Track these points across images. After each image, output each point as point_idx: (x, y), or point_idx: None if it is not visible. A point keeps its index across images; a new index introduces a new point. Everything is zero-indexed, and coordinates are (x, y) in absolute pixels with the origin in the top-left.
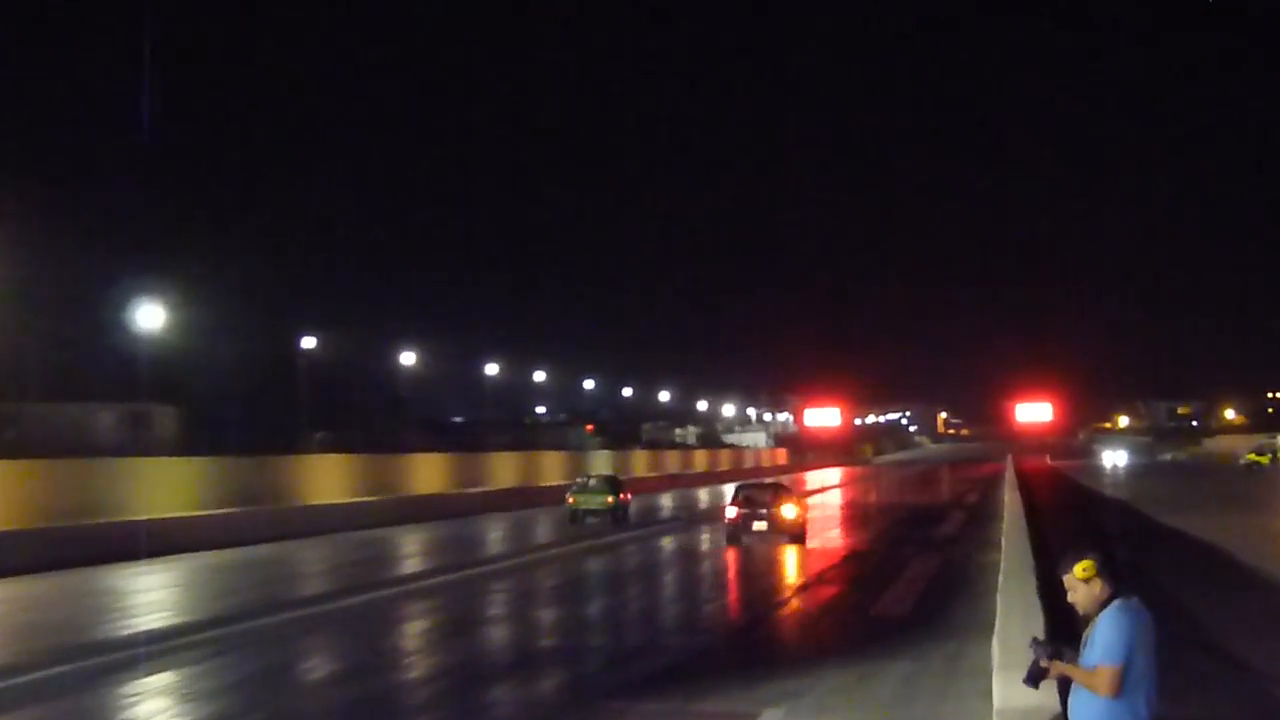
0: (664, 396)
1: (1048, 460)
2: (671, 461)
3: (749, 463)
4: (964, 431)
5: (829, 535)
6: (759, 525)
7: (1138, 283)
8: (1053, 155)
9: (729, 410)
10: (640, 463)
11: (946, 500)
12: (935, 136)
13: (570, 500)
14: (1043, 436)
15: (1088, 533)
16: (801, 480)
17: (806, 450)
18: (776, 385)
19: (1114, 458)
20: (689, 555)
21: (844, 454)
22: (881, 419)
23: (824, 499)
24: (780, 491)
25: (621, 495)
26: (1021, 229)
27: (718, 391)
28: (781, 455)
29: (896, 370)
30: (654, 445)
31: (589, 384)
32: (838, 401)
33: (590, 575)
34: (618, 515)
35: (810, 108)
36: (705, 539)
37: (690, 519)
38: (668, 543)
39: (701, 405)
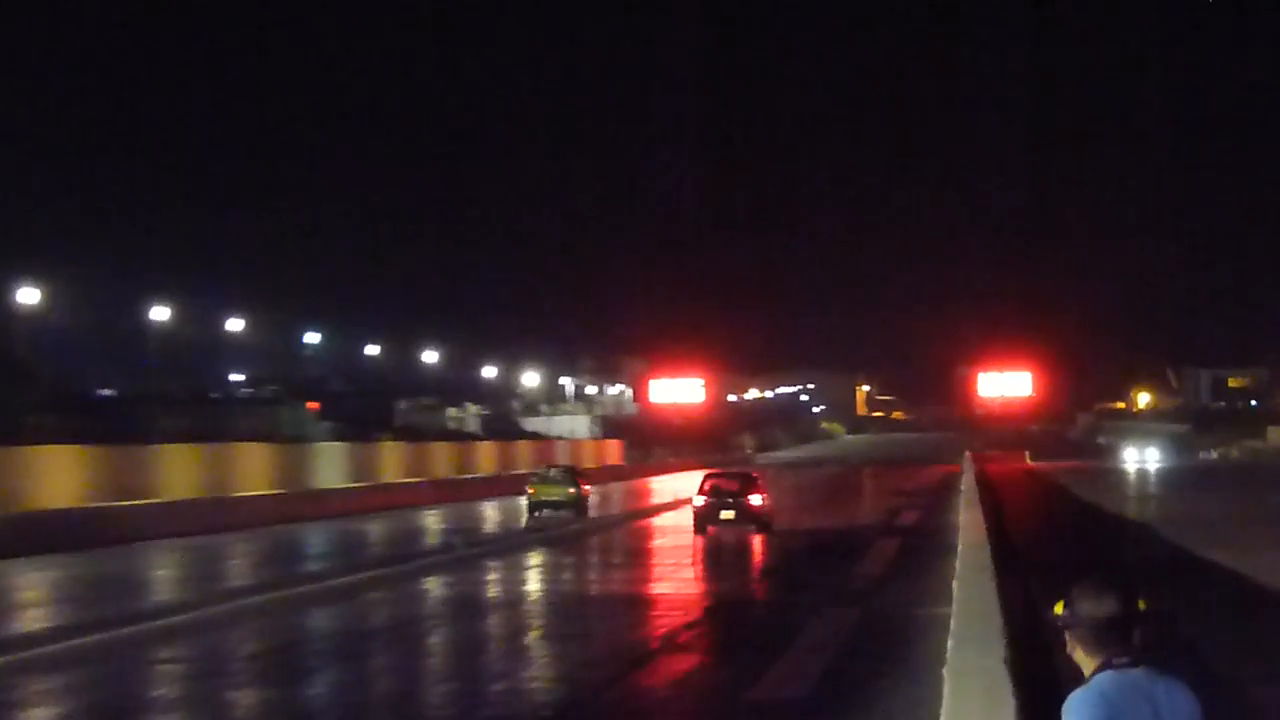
0: (430, 359)
1: (1026, 459)
2: (440, 460)
3: (562, 457)
4: (898, 415)
5: (683, 576)
6: (726, 514)
7: (1166, 194)
8: None
9: (532, 380)
10: (390, 460)
11: (870, 522)
12: None
13: (530, 491)
14: (1019, 422)
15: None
16: (644, 490)
17: (652, 443)
18: (607, 347)
19: (1138, 456)
20: (469, 606)
21: (710, 448)
22: (770, 394)
23: (678, 520)
24: (749, 481)
25: (582, 487)
26: (982, 104)
27: (515, 355)
28: (613, 450)
29: (794, 327)
30: (413, 433)
31: (311, 338)
32: (700, 370)
33: (318, 634)
34: (579, 509)
35: None
36: (495, 580)
37: (469, 548)
38: (435, 586)
39: (489, 373)
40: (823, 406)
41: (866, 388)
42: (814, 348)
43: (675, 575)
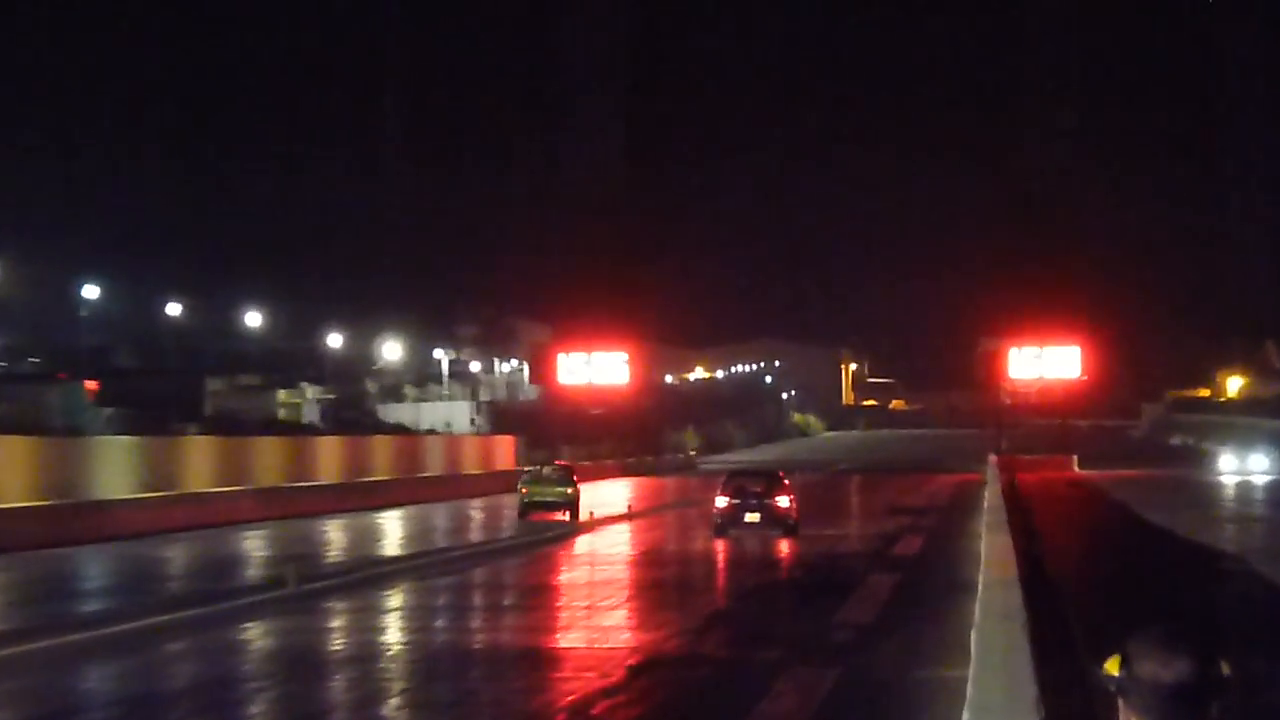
0: (253, 323)
1: (1073, 466)
2: (268, 461)
3: (435, 458)
4: (898, 404)
5: (603, 622)
6: (751, 516)
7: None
8: None
9: (394, 354)
10: (198, 461)
11: (857, 550)
12: None
13: (523, 491)
14: (1064, 415)
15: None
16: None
17: (557, 440)
18: (498, 310)
19: (1235, 462)
20: (303, 663)
21: (637, 447)
22: (722, 374)
23: (595, 545)
24: (775, 480)
25: (575, 486)
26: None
27: (372, 319)
28: (503, 449)
29: (756, 285)
30: (230, 424)
31: (89, 294)
32: (624, 341)
33: (92, 700)
34: (574, 511)
35: None
36: (341, 627)
37: (306, 582)
38: (258, 635)
39: (335, 343)
40: (794, 392)
41: (854, 366)
42: (783, 313)
43: (592, 621)
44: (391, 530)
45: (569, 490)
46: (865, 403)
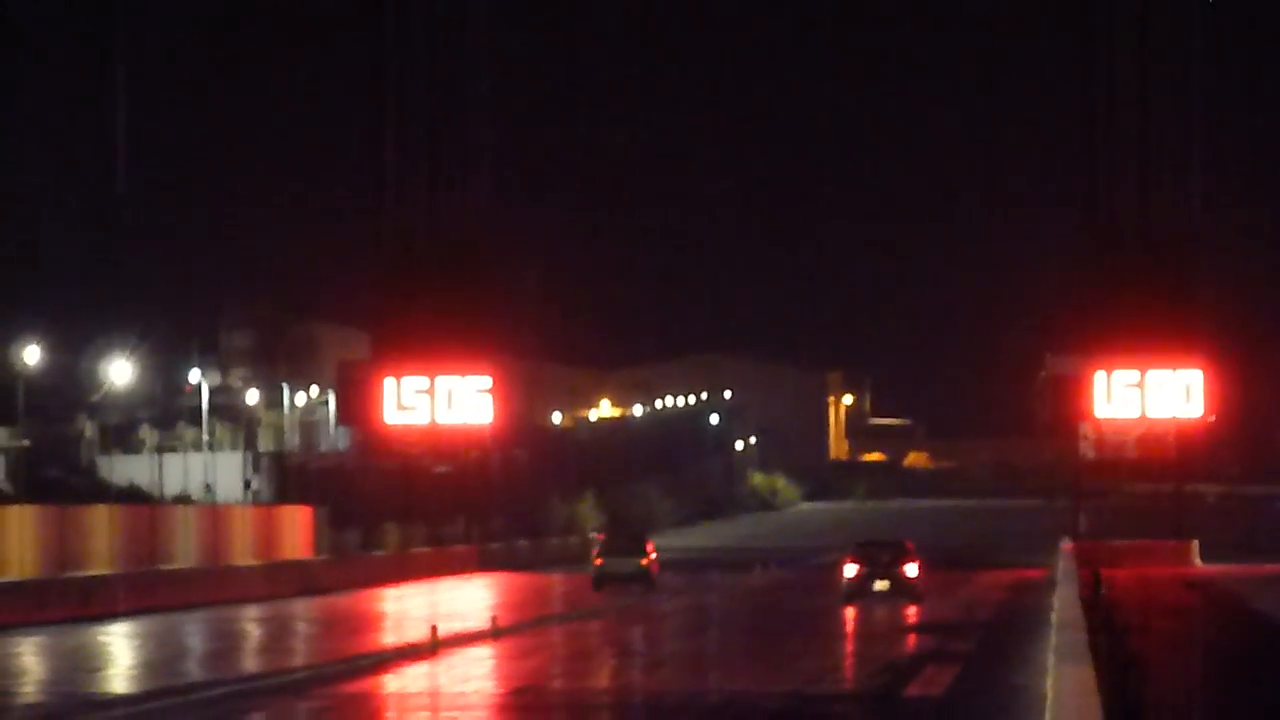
0: None
1: (1194, 558)
2: None
3: (186, 540)
4: (918, 459)
5: None
6: (880, 585)
7: None
8: None
9: (122, 377)
10: None
11: (851, 689)
12: None
13: (597, 562)
14: (1177, 477)
15: None
16: (369, 621)
17: (380, 513)
18: (286, 312)
19: None
20: None
21: (507, 526)
22: (641, 412)
23: (436, 683)
24: (902, 549)
25: (649, 554)
26: None
27: (86, 325)
28: (295, 527)
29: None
30: None
31: None
32: (487, 361)
33: None
34: (648, 581)
35: None
36: None
37: None
38: None
39: (32, 359)
40: (755, 438)
41: (849, 400)
42: (738, 318)
43: None
44: (114, 655)
45: (643, 562)
46: (866, 456)
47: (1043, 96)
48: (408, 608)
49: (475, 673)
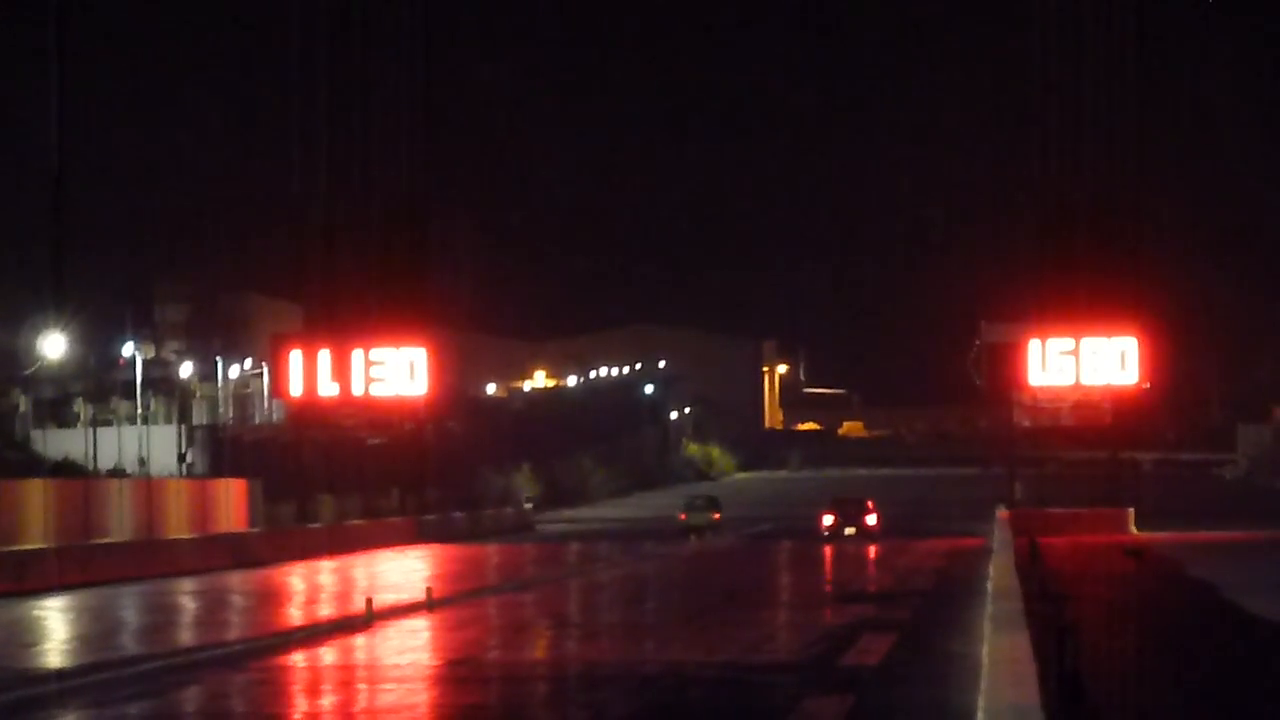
0: None
1: (1129, 526)
2: None
3: (121, 514)
4: (853, 428)
5: None
6: (849, 530)
7: None
8: None
9: (55, 350)
10: None
11: (788, 659)
12: None
13: (683, 517)
14: (1112, 444)
15: None
16: (302, 595)
17: (314, 485)
18: (215, 277)
19: None
20: None
21: (442, 498)
22: (576, 381)
23: (372, 655)
24: (863, 506)
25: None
26: None
27: (22, 298)
28: (229, 499)
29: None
30: None
31: None
32: (419, 333)
33: None
34: (717, 530)
35: None
36: None
37: None
38: None
39: None
40: (690, 409)
41: (784, 370)
42: (671, 288)
43: None
44: (50, 629)
45: (716, 516)
46: (801, 426)
47: (974, 67)
48: (343, 580)
49: (411, 645)
